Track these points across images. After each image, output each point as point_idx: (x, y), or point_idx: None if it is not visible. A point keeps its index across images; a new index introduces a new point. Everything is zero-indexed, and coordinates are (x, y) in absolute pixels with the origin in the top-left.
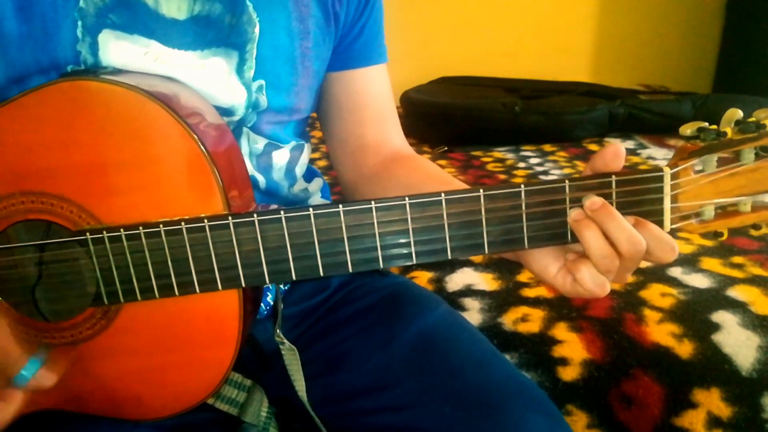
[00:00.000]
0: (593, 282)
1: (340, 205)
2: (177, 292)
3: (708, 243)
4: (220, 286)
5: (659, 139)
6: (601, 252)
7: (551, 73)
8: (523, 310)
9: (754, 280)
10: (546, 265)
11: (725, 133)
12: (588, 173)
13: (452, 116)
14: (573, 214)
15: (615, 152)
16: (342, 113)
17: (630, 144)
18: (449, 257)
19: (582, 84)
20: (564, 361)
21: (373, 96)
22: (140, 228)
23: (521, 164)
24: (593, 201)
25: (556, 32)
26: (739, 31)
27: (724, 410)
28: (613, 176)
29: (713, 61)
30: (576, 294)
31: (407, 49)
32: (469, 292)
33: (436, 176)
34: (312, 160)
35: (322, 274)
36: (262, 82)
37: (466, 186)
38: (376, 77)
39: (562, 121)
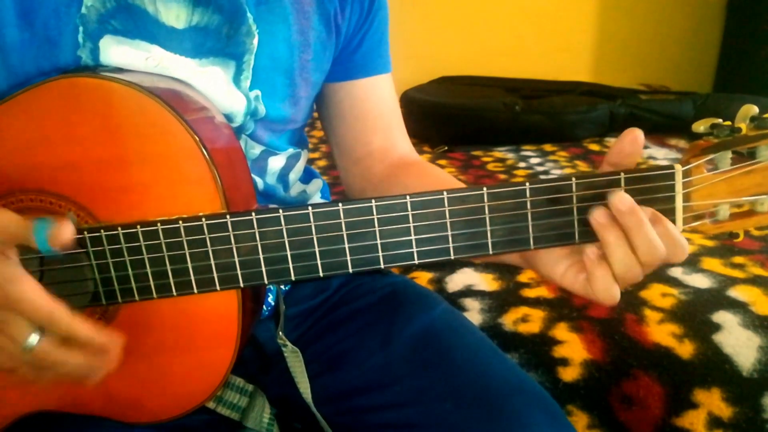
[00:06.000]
0: (606, 290)
1: (340, 204)
2: (175, 293)
3: (709, 243)
4: (218, 287)
5: (660, 139)
6: (623, 261)
7: (552, 72)
8: (524, 310)
9: (755, 280)
10: (553, 264)
11: (740, 129)
12: (606, 168)
13: (452, 116)
14: (597, 216)
15: (633, 137)
16: (347, 121)
17: None
18: (452, 257)
19: (582, 83)
20: (564, 362)
21: (377, 104)
22: (138, 227)
23: (522, 164)
24: (621, 200)
25: (557, 32)
26: (740, 30)
27: (724, 410)
28: (622, 173)
29: (714, 61)
30: (584, 294)
31: (407, 49)
32: (469, 292)
33: (444, 182)
34: (311, 160)
35: (321, 274)
36: (258, 92)
37: None
38: (379, 86)
39: (562, 120)
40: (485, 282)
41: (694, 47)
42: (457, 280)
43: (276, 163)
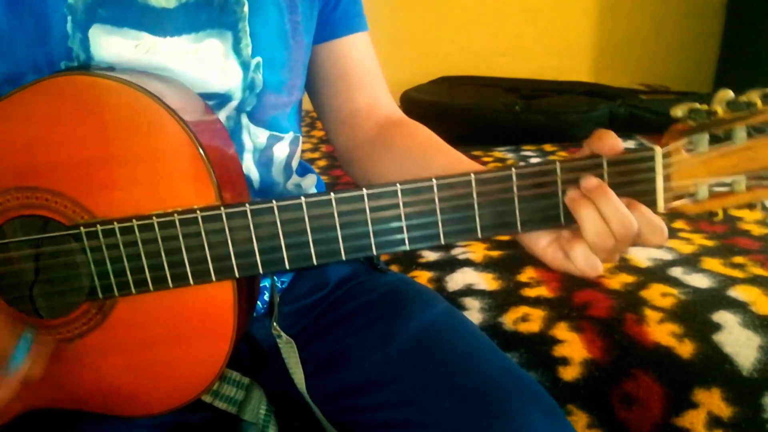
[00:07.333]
0: (586, 262)
1: (332, 194)
2: (171, 285)
3: (709, 243)
4: (213, 277)
5: (660, 139)
6: (595, 230)
7: (551, 72)
8: (524, 309)
9: (755, 280)
10: (536, 237)
11: (716, 113)
12: (586, 152)
13: (452, 116)
14: (570, 194)
15: (612, 146)
16: (330, 81)
17: (631, 144)
18: (442, 242)
19: (582, 83)
20: (564, 361)
21: (359, 61)
22: (133, 221)
23: (522, 164)
24: (589, 180)
25: (557, 32)
26: (740, 30)
27: (724, 410)
28: (604, 157)
29: (714, 61)
30: (565, 269)
31: (407, 49)
32: (469, 291)
33: (432, 145)
34: (311, 160)
35: (315, 262)
36: (260, 59)
37: (464, 157)
38: (358, 44)
39: (562, 120)
40: (485, 281)
41: (694, 47)
42: (457, 279)
43: (281, 151)
